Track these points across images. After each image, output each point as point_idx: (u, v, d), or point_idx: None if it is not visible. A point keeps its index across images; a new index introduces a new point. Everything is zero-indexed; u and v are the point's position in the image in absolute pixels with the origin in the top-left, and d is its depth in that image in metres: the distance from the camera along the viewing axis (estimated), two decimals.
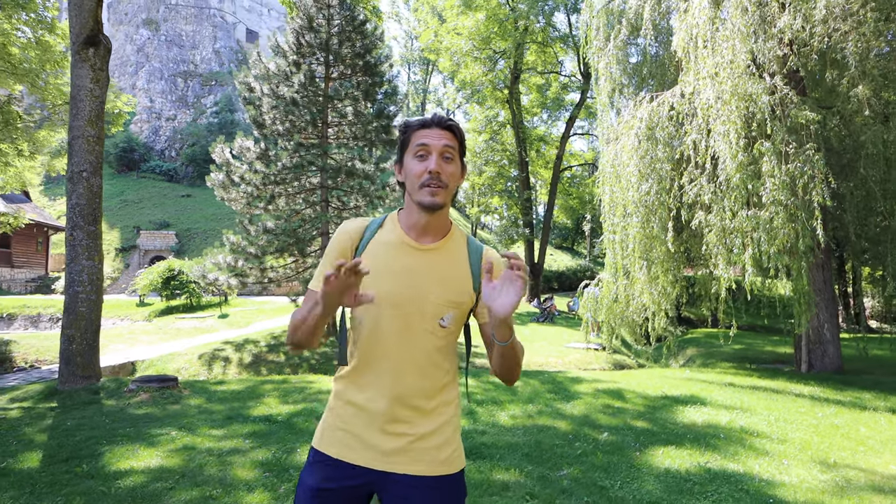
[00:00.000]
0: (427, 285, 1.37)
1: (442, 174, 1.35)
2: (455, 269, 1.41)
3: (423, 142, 1.36)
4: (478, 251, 1.46)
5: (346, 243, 1.43)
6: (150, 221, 31.98)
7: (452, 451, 1.41)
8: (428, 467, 1.36)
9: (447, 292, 1.38)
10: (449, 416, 1.42)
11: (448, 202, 1.39)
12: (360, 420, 1.37)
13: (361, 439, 1.36)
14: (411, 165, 1.38)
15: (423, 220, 1.39)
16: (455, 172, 1.40)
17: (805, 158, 7.50)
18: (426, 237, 1.41)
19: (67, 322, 6.82)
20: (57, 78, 12.60)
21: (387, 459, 1.35)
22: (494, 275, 1.31)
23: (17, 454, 4.37)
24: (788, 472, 3.99)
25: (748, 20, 7.68)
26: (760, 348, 12.94)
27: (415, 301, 1.36)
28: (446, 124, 1.38)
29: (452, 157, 1.38)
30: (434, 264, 1.40)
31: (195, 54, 43.55)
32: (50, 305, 19.01)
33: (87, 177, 6.82)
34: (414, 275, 1.38)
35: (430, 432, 1.37)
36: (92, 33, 6.79)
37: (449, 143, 1.37)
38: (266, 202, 12.92)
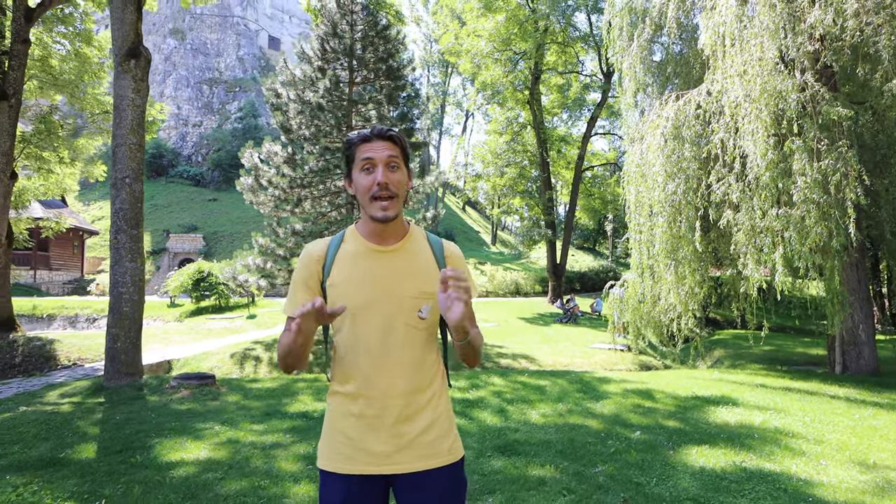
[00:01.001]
0: (400, 282, 1.44)
1: (390, 184, 1.41)
2: (422, 262, 1.49)
3: (367, 155, 1.42)
4: (438, 243, 1.55)
5: (312, 266, 1.49)
6: (178, 225, 32.77)
7: (452, 441, 1.47)
8: (434, 460, 1.42)
9: (421, 284, 1.45)
10: (443, 407, 1.48)
11: (400, 210, 1.45)
12: (360, 429, 1.41)
13: (365, 449, 1.40)
14: (359, 180, 1.44)
15: (379, 228, 1.46)
16: (402, 180, 1.45)
17: (837, 155, 7.40)
18: (388, 241, 1.48)
19: (112, 321, 7.11)
20: (94, 88, 13.08)
21: (393, 461, 1.40)
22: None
23: (73, 445, 4.60)
24: (826, 473, 3.98)
25: (776, 16, 7.61)
26: (791, 350, 12.73)
27: (391, 299, 1.42)
28: (387, 135, 1.43)
29: (398, 166, 1.44)
30: (402, 262, 1.47)
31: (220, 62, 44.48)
32: (86, 306, 19.64)
33: (130, 183, 7.10)
34: (385, 275, 1.44)
35: (428, 426, 1.43)
36: (133, 45, 7.08)
37: (392, 153, 1.42)
38: (293, 205, 13.19)
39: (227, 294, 19.42)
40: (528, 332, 14.76)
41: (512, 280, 26.89)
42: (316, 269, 1.49)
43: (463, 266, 1.53)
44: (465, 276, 1.30)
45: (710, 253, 10.05)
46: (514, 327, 15.83)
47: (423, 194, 14.58)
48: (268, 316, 17.43)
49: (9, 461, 4.18)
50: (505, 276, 27.30)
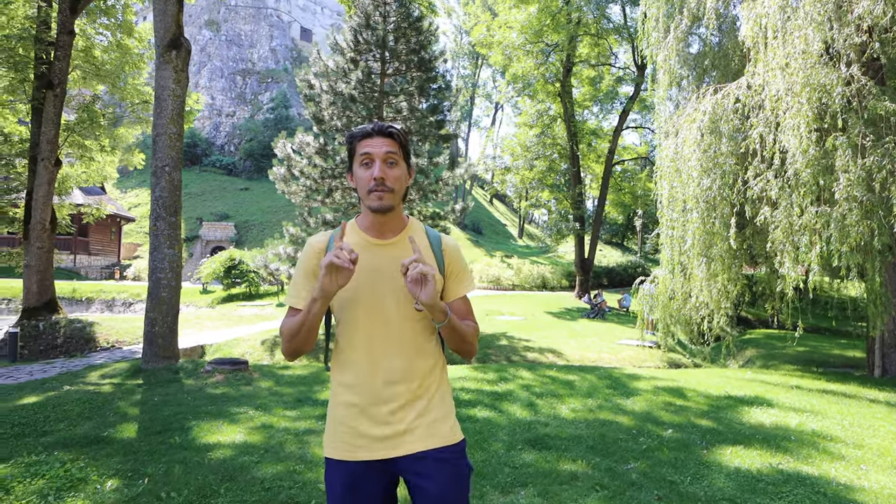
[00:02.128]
0: (397, 274, 1.44)
1: (387, 179, 1.44)
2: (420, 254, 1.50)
3: (366, 150, 1.45)
4: (436, 238, 1.60)
5: (314, 258, 1.52)
6: (210, 213, 33.52)
7: (452, 425, 1.52)
8: (434, 440, 1.46)
9: None
10: (441, 394, 1.53)
11: (397, 203, 1.49)
12: (360, 417, 1.45)
13: (365, 435, 1.44)
14: (359, 174, 1.47)
15: (377, 221, 1.50)
16: (400, 175, 1.48)
17: (884, 152, 7.12)
18: (386, 234, 1.52)
19: (151, 306, 7.34)
20: (134, 79, 13.43)
21: (392, 445, 1.44)
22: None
23: (115, 425, 4.78)
24: (868, 478, 3.88)
25: (822, 7, 7.34)
26: (827, 351, 12.37)
27: (389, 291, 1.46)
28: (387, 131, 1.46)
29: (396, 162, 1.47)
30: (399, 254, 1.48)
31: (253, 53, 45.12)
32: (123, 290, 20.31)
33: (169, 171, 7.30)
34: (385, 268, 1.48)
35: (426, 409, 1.48)
36: (174, 37, 7.24)
37: (391, 150, 1.45)
38: (324, 195, 13.35)
39: (257, 282, 19.83)
40: (555, 327, 14.69)
41: (539, 274, 26.72)
42: (317, 260, 1.52)
43: (459, 259, 1.59)
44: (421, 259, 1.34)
45: (745, 251, 9.81)
46: (541, 321, 15.76)
47: (452, 186, 14.57)
48: None
49: (55, 438, 4.37)
50: (532, 269, 27.14)
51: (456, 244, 1.63)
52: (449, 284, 1.58)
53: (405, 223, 1.57)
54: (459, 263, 1.59)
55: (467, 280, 1.61)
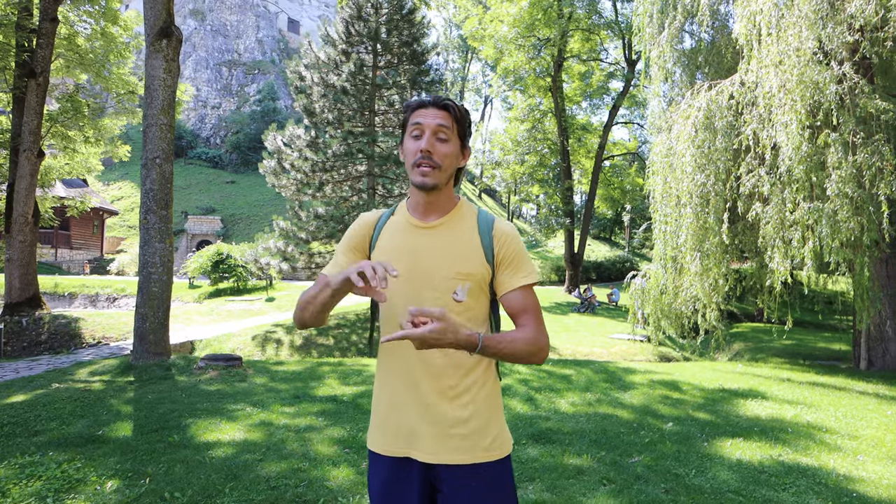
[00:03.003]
0: (434, 261, 1.35)
1: (434, 154, 1.33)
2: (463, 241, 1.38)
3: (417, 121, 1.35)
4: (488, 222, 1.42)
5: (363, 231, 1.46)
6: (196, 207, 33.05)
7: (494, 438, 1.36)
8: (469, 455, 1.33)
9: (457, 265, 1.35)
10: (483, 398, 1.37)
11: (442, 183, 1.37)
12: (398, 411, 1.37)
13: (401, 430, 1.36)
14: (407, 145, 1.38)
15: (423, 200, 1.39)
16: (450, 153, 1.36)
17: (873, 149, 7.23)
18: (430, 215, 1.41)
19: (141, 301, 7.20)
20: (119, 68, 13.13)
21: (428, 450, 1.34)
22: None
23: (110, 423, 4.68)
24: (865, 468, 3.94)
25: (815, 5, 7.41)
26: (812, 344, 12.59)
27: (424, 278, 1.35)
28: (443, 104, 1.35)
29: (447, 138, 1.35)
30: (440, 240, 1.38)
31: (239, 44, 44.43)
32: (107, 285, 19.93)
33: (160, 163, 7.15)
34: (420, 252, 1.37)
35: (466, 417, 1.34)
36: (165, 25, 7.07)
37: (443, 123, 1.34)
38: (315, 189, 13.22)
39: (245, 276, 19.60)
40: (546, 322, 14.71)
41: None
42: (366, 234, 1.47)
43: (513, 245, 1.40)
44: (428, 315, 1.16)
45: (736, 246, 9.92)
46: None
47: None
48: (286, 299, 17.58)
49: (48, 437, 4.27)
50: None
51: (512, 229, 1.43)
52: (500, 276, 1.40)
53: (453, 205, 1.43)
54: (514, 250, 1.40)
55: (524, 269, 1.40)
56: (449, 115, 1.36)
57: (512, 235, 1.41)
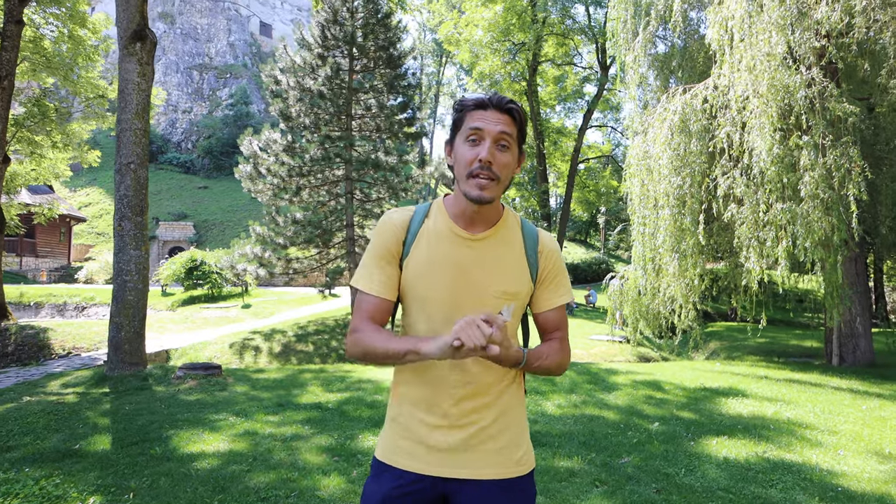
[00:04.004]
0: (483, 278, 1.26)
1: (494, 164, 1.21)
2: (511, 258, 1.30)
3: (476, 125, 1.21)
4: (533, 236, 1.33)
5: (393, 237, 1.32)
6: (168, 213, 32.31)
7: (524, 452, 1.33)
8: (502, 469, 1.28)
9: (504, 283, 1.27)
10: (516, 413, 1.33)
11: (499, 195, 1.25)
12: (425, 424, 1.29)
13: (427, 445, 1.28)
14: (462, 151, 1.24)
15: (470, 210, 1.27)
16: (510, 163, 1.25)
17: (842, 151, 7.48)
18: (477, 226, 1.29)
19: (116, 310, 6.99)
20: (88, 71, 12.76)
21: (455, 462, 1.27)
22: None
23: (87, 437, 4.51)
24: (847, 463, 4.05)
25: (785, 12, 7.64)
26: (785, 342, 12.93)
27: (472, 296, 1.26)
28: (506, 107, 1.22)
29: (508, 146, 1.23)
30: (488, 255, 1.28)
31: (210, 47, 43.69)
32: (75, 294, 19.30)
33: (135, 168, 6.96)
34: (468, 268, 1.27)
35: (498, 432, 1.29)
36: (139, 28, 6.89)
37: (506, 130, 1.22)
38: (292, 194, 13.06)
39: (220, 283, 19.22)
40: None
41: None
42: (397, 239, 1.31)
43: (556, 263, 1.34)
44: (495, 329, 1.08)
45: (711, 246, 10.13)
46: None
47: (422, 184, 14.51)
48: (262, 306, 17.29)
49: (22, 453, 4.09)
50: None
51: (555, 244, 1.36)
52: (540, 292, 1.34)
53: (500, 215, 1.32)
54: (556, 268, 1.35)
55: (563, 288, 1.36)
56: (512, 120, 1.23)
57: (556, 252, 1.35)
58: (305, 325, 13.45)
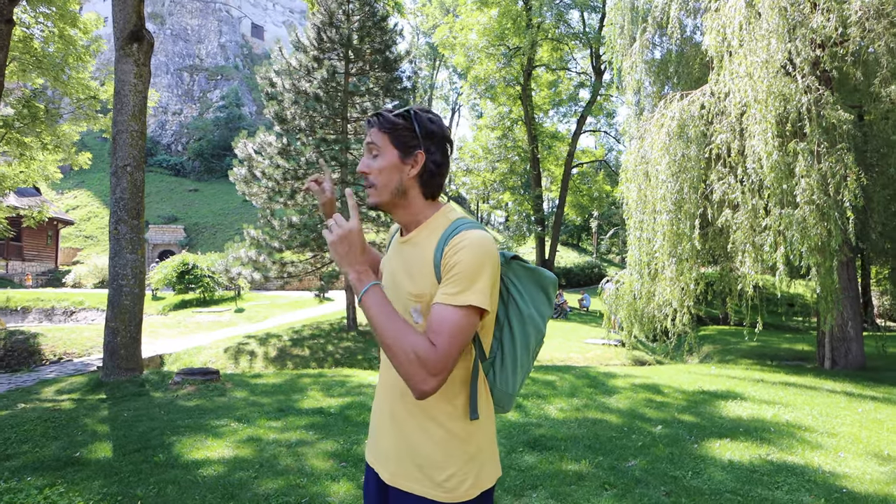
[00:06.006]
0: (401, 279, 1.31)
1: (369, 173, 1.30)
2: (420, 258, 1.28)
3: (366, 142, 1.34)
4: (450, 234, 1.23)
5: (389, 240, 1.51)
6: (158, 216, 32.00)
7: (451, 475, 1.22)
8: (420, 486, 1.23)
9: (409, 284, 1.28)
10: (445, 430, 1.24)
11: (386, 199, 1.30)
12: (376, 415, 1.38)
13: (375, 436, 1.37)
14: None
15: (394, 218, 1.36)
16: (385, 166, 1.28)
17: (837, 158, 7.60)
18: (407, 231, 1.35)
19: (112, 315, 6.90)
20: (79, 72, 12.62)
21: (386, 464, 1.30)
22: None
23: (87, 444, 4.44)
24: (848, 465, 4.09)
25: (783, 20, 7.74)
26: (777, 345, 13.07)
27: (396, 295, 1.31)
28: (371, 118, 1.32)
29: (378, 153, 1.30)
30: (404, 257, 1.32)
31: (200, 49, 43.41)
32: (63, 299, 19.05)
33: (132, 171, 6.88)
34: (395, 269, 1.35)
35: (421, 442, 1.25)
36: (135, 28, 6.84)
37: (370, 140, 1.31)
38: (287, 197, 12.98)
39: (212, 287, 19.06)
40: None
41: None
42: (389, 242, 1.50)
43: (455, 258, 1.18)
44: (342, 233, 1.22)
45: (706, 251, 10.22)
46: None
47: None
48: (255, 310, 17.16)
49: (22, 461, 4.02)
50: None
51: (467, 243, 1.19)
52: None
53: (424, 219, 1.32)
54: (453, 264, 1.18)
55: (453, 283, 1.17)
56: (377, 130, 1.30)
57: (463, 249, 1.18)
58: (300, 330, 13.36)
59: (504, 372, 1.33)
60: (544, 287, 1.37)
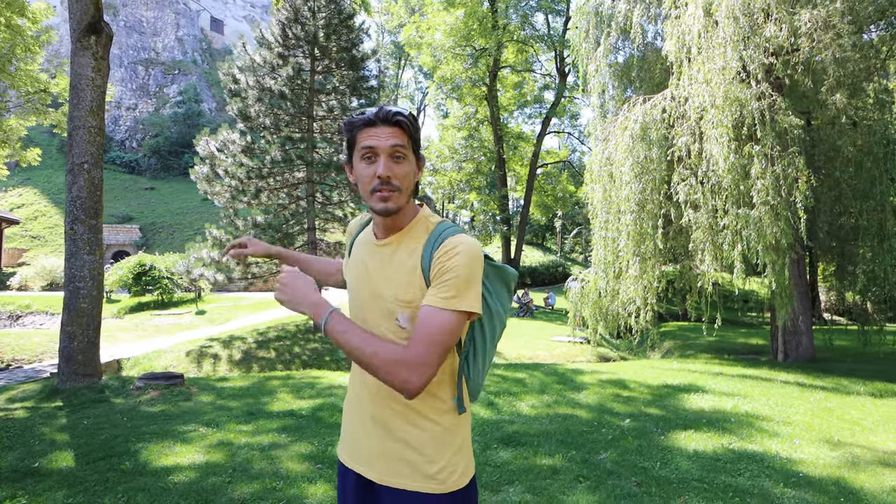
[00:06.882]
0: (382, 283, 1.29)
1: (393, 178, 1.24)
2: (406, 263, 1.28)
3: (368, 144, 1.24)
4: (436, 241, 1.27)
5: (347, 239, 1.52)
6: (111, 215, 30.73)
7: (442, 467, 1.26)
8: (413, 482, 1.25)
9: (398, 290, 1.27)
10: (436, 425, 1.28)
11: (404, 203, 1.29)
12: (353, 418, 1.37)
13: (354, 438, 1.35)
14: (360, 170, 1.27)
15: (381, 223, 1.33)
16: (408, 172, 1.27)
17: (789, 161, 7.97)
18: (388, 233, 1.34)
19: (68, 319, 6.61)
20: (28, 64, 12.02)
21: (372, 465, 1.30)
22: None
23: (45, 454, 4.26)
24: (802, 451, 4.32)
25: (738, 29, 8.08)
26: (733, 340, 13.62)
27: (374, 299, 1.30)
28: (393, 120, 1.23)
29: (404, 157, 1.26)
30: (388, 261, 1.31)
31: (157, 42, 41.93)
32: (8, 302, 18.11)
33: (89, 169, 6.61)
34: (372, 272, 1.32)
35: (411, 439, 1.27)
36: (93, 20, 6.57)
37: (398, 143, 1.24)
38: (251, 196, 12.73)
39: (171, 289, 18.47)
40: None
41: None
42: (348, 244, 1.49)
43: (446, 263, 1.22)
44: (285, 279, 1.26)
45: (669, 250, 10.56)
46: None
47: None
48: (218, 311, 16.72)
49: None
50: None
51: (459, 249, 1.23)
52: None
53: (409, 220, 1.33)
54: (445, 268, 1.22)
55: (447, 288, 1.20)
56: (402, 131, 1.25)
57: (454, 254, 1.22)
58: (265, 332, 13.11)
59: (476, 365, 1.38)
60: (507, 283, 1.44)
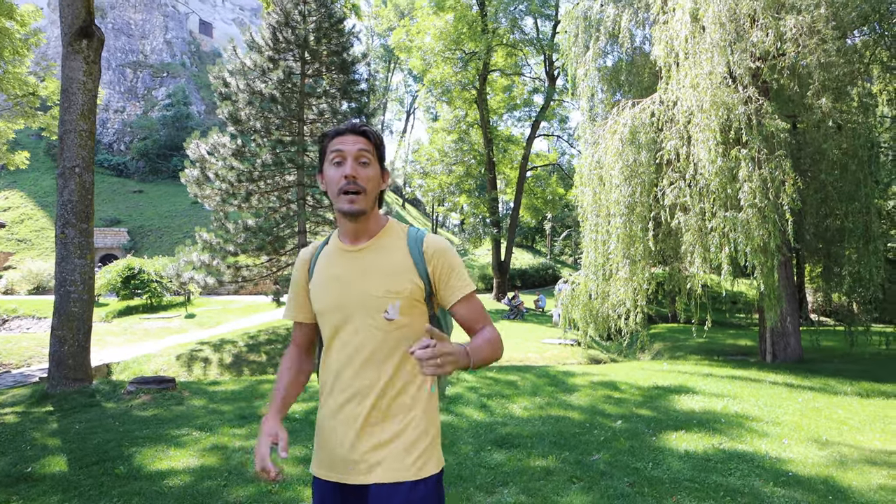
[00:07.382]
0: (364, 283, 1.38)
1: (358, 178, 1.36)
2: (392, 259, 1.41)
3: (337, 148, 1.38)
4: (418, 239, 1.45)
5: (301, 269, 1.54)
6: (100, 218, 30.40)
7: (418, 456, 1.36)
8: (391, 473, 1.34)
9: (387, 284, 1.38)
10: (412, 417, 1.38)
11: (369, 207, 1.40)
12: (332, 431, 1.39)
13: (334, 452, 1.38)
14: (329, 173, 1.40)
15: (351, 227, 1.42)
16: (373, 176, 1.40)
17: (776, 164, 8.11)
18: (360, 240, 1.44)
19: (58, 323, 6.57)
20: (16, 66, 11.91)
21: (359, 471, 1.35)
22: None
23: (38, 459, 4.23)
24: (791, 450, 4.40)
25: (725, 34, 8.21)
26: (722, 341, 13.77)
27: (354, 299, 1.38)
28: (360, 130, 1.39)
29: (369, 162, 1.39)
30: (369, 262, 1.41)
31: (145, 44, 41.63)
32: None
33: (80, 172, 6.58)
34: (350, 277, 1.40)
35: (393, 435, 1.36)
36: (85, 24, 6.54)
37: (363, 147, 1.38)
38: (242, 199, 12.68)
39: (160, 292, 18.33)
40: None
41: None
42: (304, 269, 1.53)
43: (444, 258, 1.43)
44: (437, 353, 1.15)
45: (659, 252, 10.66)
46: None
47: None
48: (207, 315, 16.63)
49: None
50: None
51: (441, 243, 1.45)
52: (440, 293, 1.45)
53: (380, 227, 1.46)
54: (445, 263, 1.43)
55: (461, 280, 1.44)
56: (368, 140, 1.40)
57: (442, 250, 1.44)
58: (256, 335, 13.06)
59: None
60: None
